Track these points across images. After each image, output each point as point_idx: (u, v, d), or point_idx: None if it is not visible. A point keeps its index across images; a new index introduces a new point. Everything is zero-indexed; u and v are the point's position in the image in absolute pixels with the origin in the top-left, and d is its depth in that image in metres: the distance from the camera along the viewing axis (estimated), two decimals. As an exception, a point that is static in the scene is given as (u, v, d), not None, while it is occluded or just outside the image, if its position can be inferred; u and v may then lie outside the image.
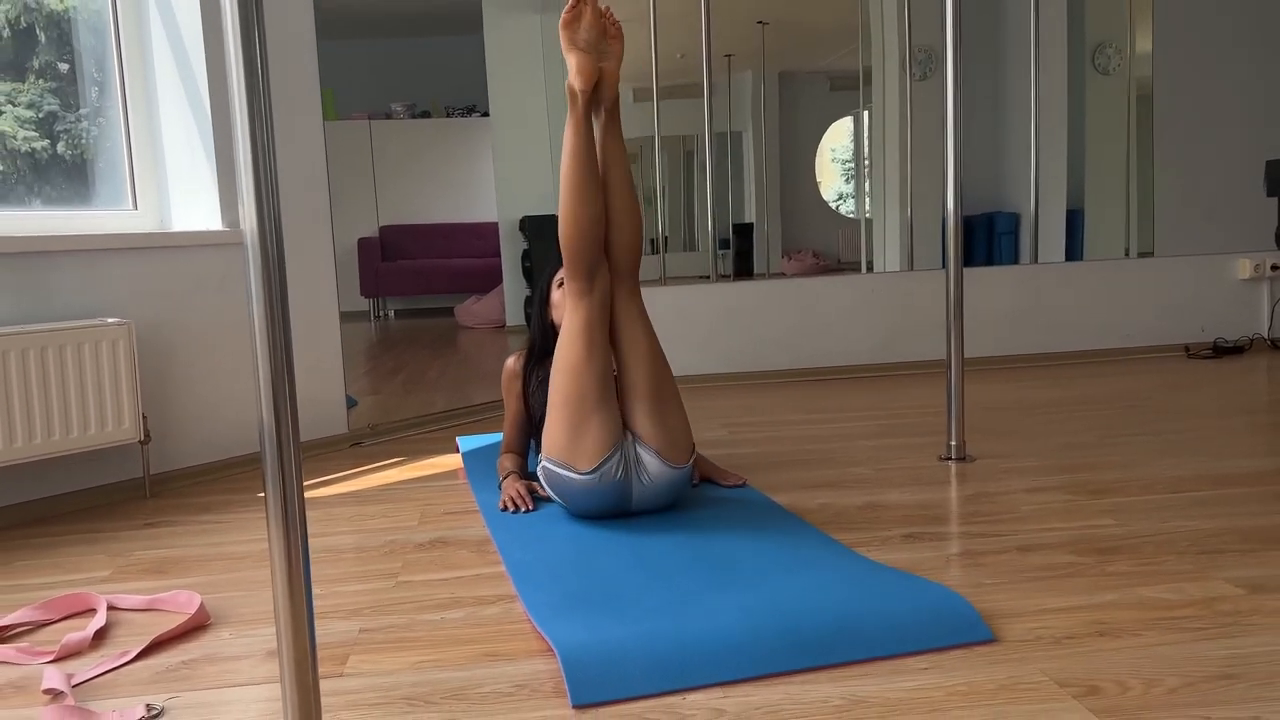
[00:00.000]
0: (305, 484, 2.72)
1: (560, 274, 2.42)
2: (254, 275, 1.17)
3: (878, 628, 1.52)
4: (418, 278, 8.13)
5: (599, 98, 2.20)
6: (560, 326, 2.42)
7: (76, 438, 2.47)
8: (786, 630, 1.50)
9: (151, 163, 2.94)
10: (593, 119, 2.18)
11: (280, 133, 2.97)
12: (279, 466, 1.20)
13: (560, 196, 2.13)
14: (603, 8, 2.18)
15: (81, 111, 2.86)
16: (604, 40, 2.19)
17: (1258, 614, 1.57)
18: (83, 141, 2.85)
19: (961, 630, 1.52)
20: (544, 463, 2.16)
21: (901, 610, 1.57)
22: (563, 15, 2.14)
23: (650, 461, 2.11)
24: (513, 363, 2.52)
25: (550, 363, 2.44)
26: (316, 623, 1.69)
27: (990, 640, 1.51)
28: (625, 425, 2.13)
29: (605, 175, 2.18)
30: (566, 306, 2.14)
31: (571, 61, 2.16)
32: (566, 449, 2.08)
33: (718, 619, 1.55)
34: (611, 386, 2.11)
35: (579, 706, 1.36)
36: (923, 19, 6.07)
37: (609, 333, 2.16)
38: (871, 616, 1.54)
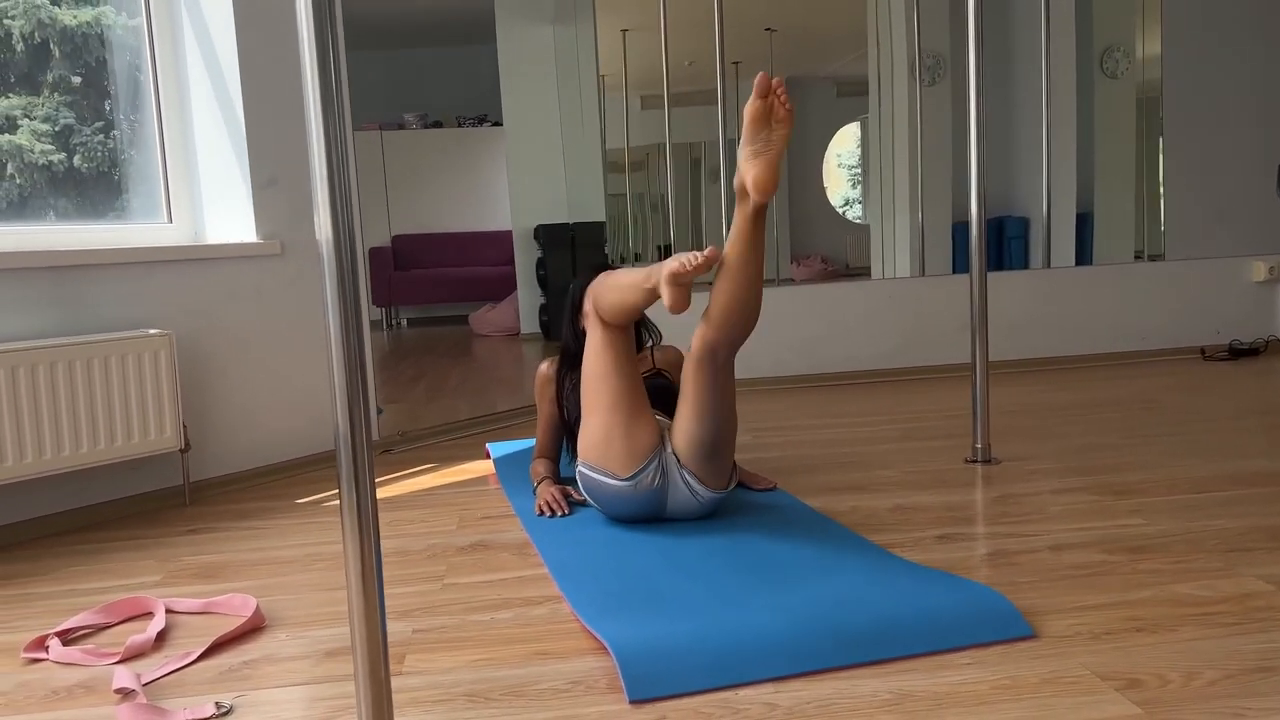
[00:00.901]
0: (337, 491, 2.77)
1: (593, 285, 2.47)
2: (329, 283, 1.22)
3: (920, 625, 1.56)
4: (430, 286, 8.19)
5: (745, 195, 2.00)
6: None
7: (120, 446, 2.52)
8: (832, 628, 1.55)
9: (185, 176, 2.99)
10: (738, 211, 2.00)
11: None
12: (353, 468, 1.26)
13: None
14: (773, 82, 1.90)
15: (98, 124, 2.91)
16: (764, 128, 1.96)
17: (1289, 609, 1.62)
18: (99, 155, 2.90)
19: (1002, 626, 1.57)
20: (580, 467, 2.21)
21: (942, 607, 1.61)
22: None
23: (691, 481, 2.14)
24: (546, 368, 2.56)
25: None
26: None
27: (1030, 636, 1.56)
28: (672, 451, 2.15)
29: (738, 270, 2.02)
30: (589, 323, 2.18)
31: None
32: (603, 454, 2.13)
33: (763, 617, 1.60)
34: (644, 393, 2.16)
35: (635, 702, 1.41)
36: (930, 25, 6.13)
37: (681, 388, 2.15)
38: (913, 614, 1.59)
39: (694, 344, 2.10)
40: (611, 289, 2.11)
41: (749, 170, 1.97)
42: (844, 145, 6.91)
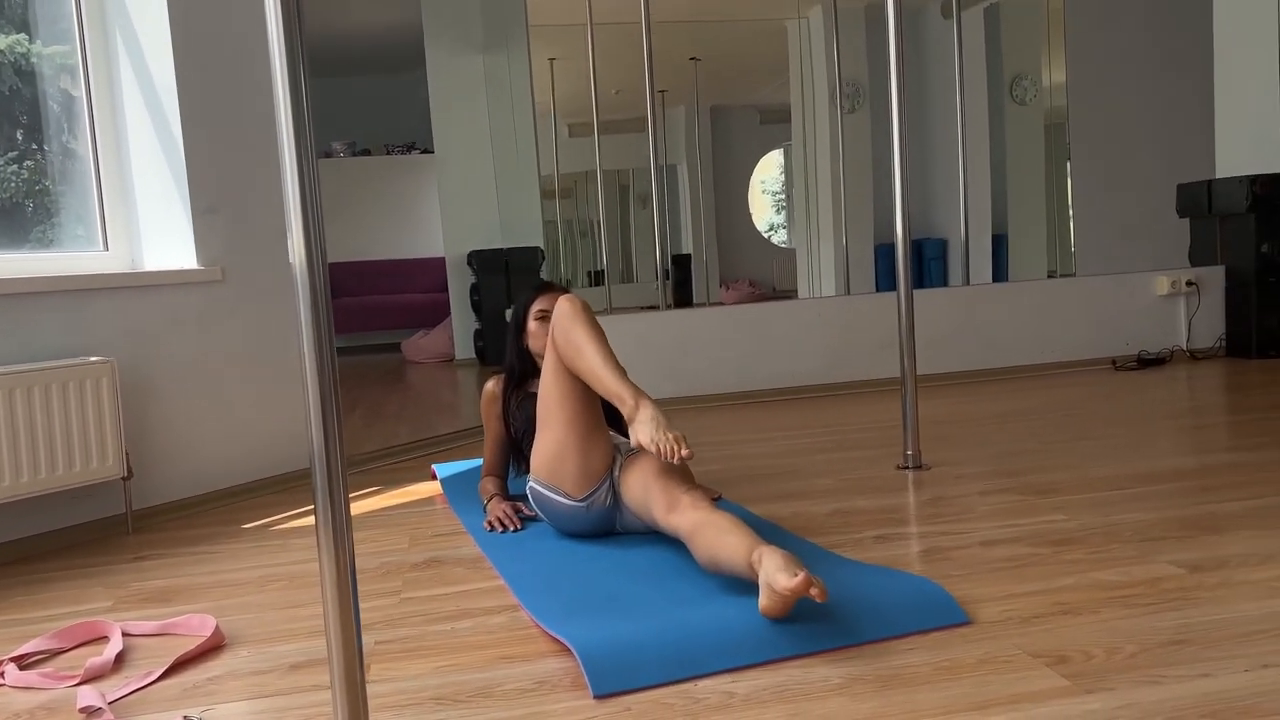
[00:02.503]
0: (286, 515, 2.78)
1: (538, 303, 2.54)
2: (303, 305, 1.27)
3: (865, 615, 1.65)
4: (361, 314, 8.15)
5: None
6: (534, 352, 2.54)
7: (61, 475, 2.50)
8: (784, 620, 1.63)
9: (122, 204, 2.99)
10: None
11: (249, 170, 3.05)
12: (328, 485, 1.30)
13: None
14: (814, 592, 1.56)
15: (11, 154, 2.88)
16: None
17: (1199, 589, 1.75)
18: (13, 185, 2.87)
19: (940, 614, 1.67)
20: (532, 483, 2.26)
21: (884, 598, 1.71)
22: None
23: (634, 522, 2.21)
24: (492, 385, 2.62)
25: (529, 384, 2.55)
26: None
27: (966, 622, 1.66)
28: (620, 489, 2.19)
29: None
30: (548, 345, 2.20)
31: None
32: (557, 473, 2.18)
33: (718, 613, 1.67)
34: (600, 414, 2.21)
35: (600, 696, 1.47)
36: (849, 55, 6.37)
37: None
38: (858, 605, 1.68)
39: (648, 485, 2.07)
40: (578, 358, 2.08)
41: (768, 598, 1.62)
42: (768, 172, 7.11)
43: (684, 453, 1.91)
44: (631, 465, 2.16)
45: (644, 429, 1.95)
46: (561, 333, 2.13)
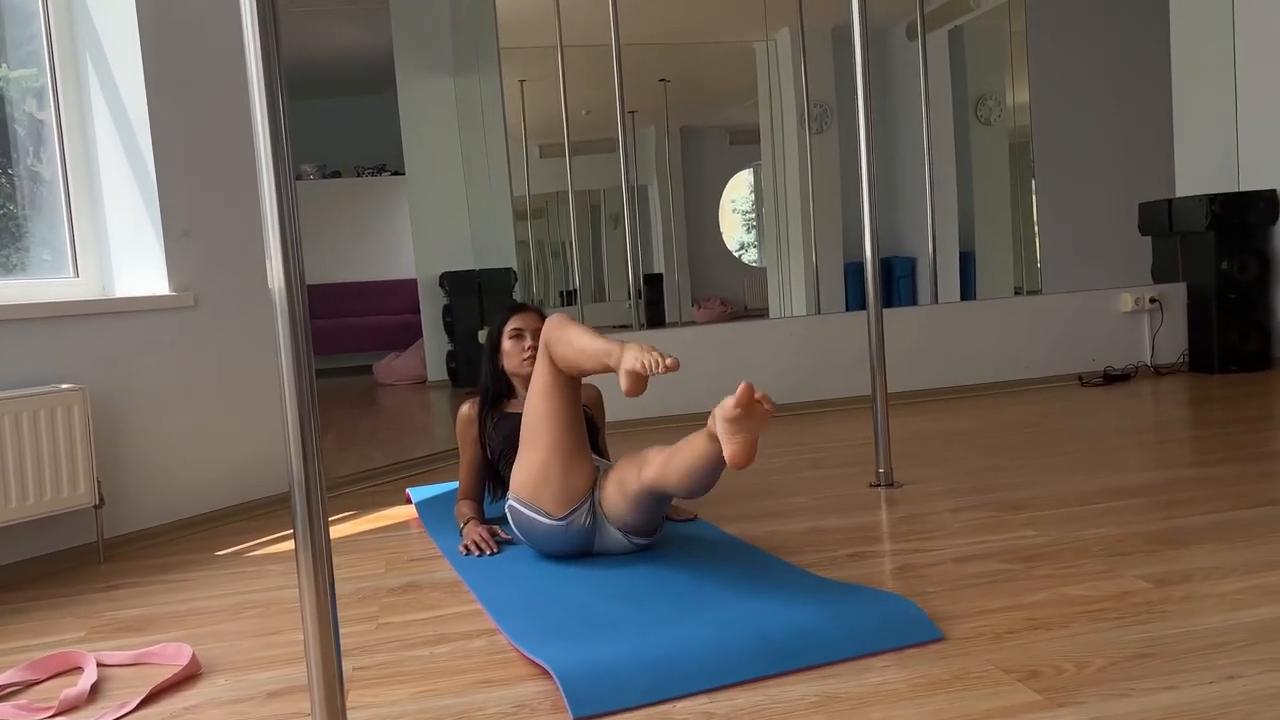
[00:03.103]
0: (260, 541, 2.77)
1: (512, 322, 2.55)
2: (282, 329, 1.28)
3: (840, 633, 1.68)
4: (332, 336, 8.11)
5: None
6: (510, 371, 2.56)
7: (32, 504, 2.47)
8: (760, 640, 1.65)
9: (92, 230, 2.97)
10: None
11: (221, 194, 3.04)
12: (307, 509, 1.31)
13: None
14: (758, 396, 1.85)
15: None
16: (747, 420, 1.87)
17: (1165, 603, 1.79)
18: None
19: (914, 631, 1.69)
20: (511, 501, 2.27)
21: (860, 617, 1.73)
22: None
23: (615, 534, 2.23)
24: (468, 409, 2.62)
25: (504, 405, 2.57)
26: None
27: (940, 639, 1.69)
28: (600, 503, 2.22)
29: (688, 479, 2.01)
30: (537, 365, 2.22)
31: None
32: (538, 492, 2.19)
33: (696, 634, 1.69)
34: (584, 435, 2.23)
35: (580, 719, 1.48)
36: (817, 76, 6.45)
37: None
38: (834, 624, 1.70)
39: (622, 469, 2.15)
40: (568, 347, 2.13)
41: (730, 443, 1.85)
42: (738, 191, 7.17)
43: (668, 362, 1.96)
44: (607, 475, 2.21)
45: (629, 359, 1.98)
46: (552, 331, 2.17)
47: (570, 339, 2.13)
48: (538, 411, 2.18)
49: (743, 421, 1.83)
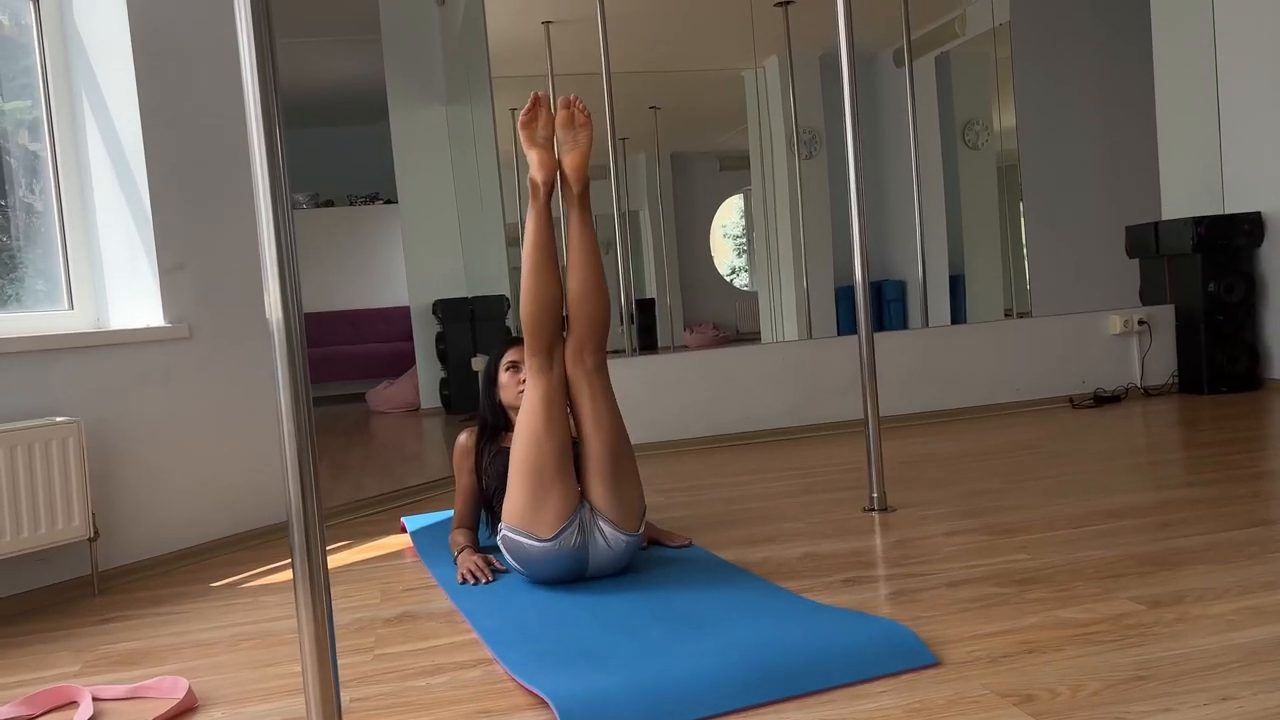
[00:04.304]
0: (255, 572, 2.76)
1: (508, 355, 2.57)
2: (280, 360, 1.29)
3: (836, 659, 1.68)
4: (324, 365, 8.11)
5: (566, 187, 2.35)
6: (506, 404, 2.57)
7: (26, 537, 2.47)
8: (756, 667, 1.66)
9: (86, 262, 2.98)
10: (564, 205, 2.34)
11: (215, 226, 3.06)
12: (305, 540, 1.31)
13: (522, 279, 2.29)
14: (572, 98, 2.28)
15: None
16: (570, 130, 2.31)
17: (1159, 625, 1.80)
18: None
19: (909, 656, 1.70)
20: (504, 530, 2.28)
21: (855, 643, 1.74)
22: (521, 116, 2.27)
23: (605, 529, 2.24)
24: (465, 439, 2.63)
25: (502, 439, 2.57)
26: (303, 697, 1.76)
27: (935, 663, 1.69)
28: (582, 494, 2.26)
29: (572, 256, 2.34)
30: (527, 382, 2.28)
31: (532, 157, 2.29)
32: (527, 517, 2.21)
33: (692, 661, 1.69)
34: (570, 457, 2.25)
35: (578, 749, 1.48)
36: (805, 102, 6.52)
37: (572, 406, 2.30)
38: (829, 650, 1.71)
39: (566, 363, 2.31)
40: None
41: (567, 159, 2.32)
42: (728, 216, 7.23)
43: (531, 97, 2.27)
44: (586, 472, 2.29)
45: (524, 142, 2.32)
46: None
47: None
48: (527, 434, 2.22)
49: (568, 129, 2.29)
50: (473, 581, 2.38)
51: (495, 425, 2.58)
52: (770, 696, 1.59)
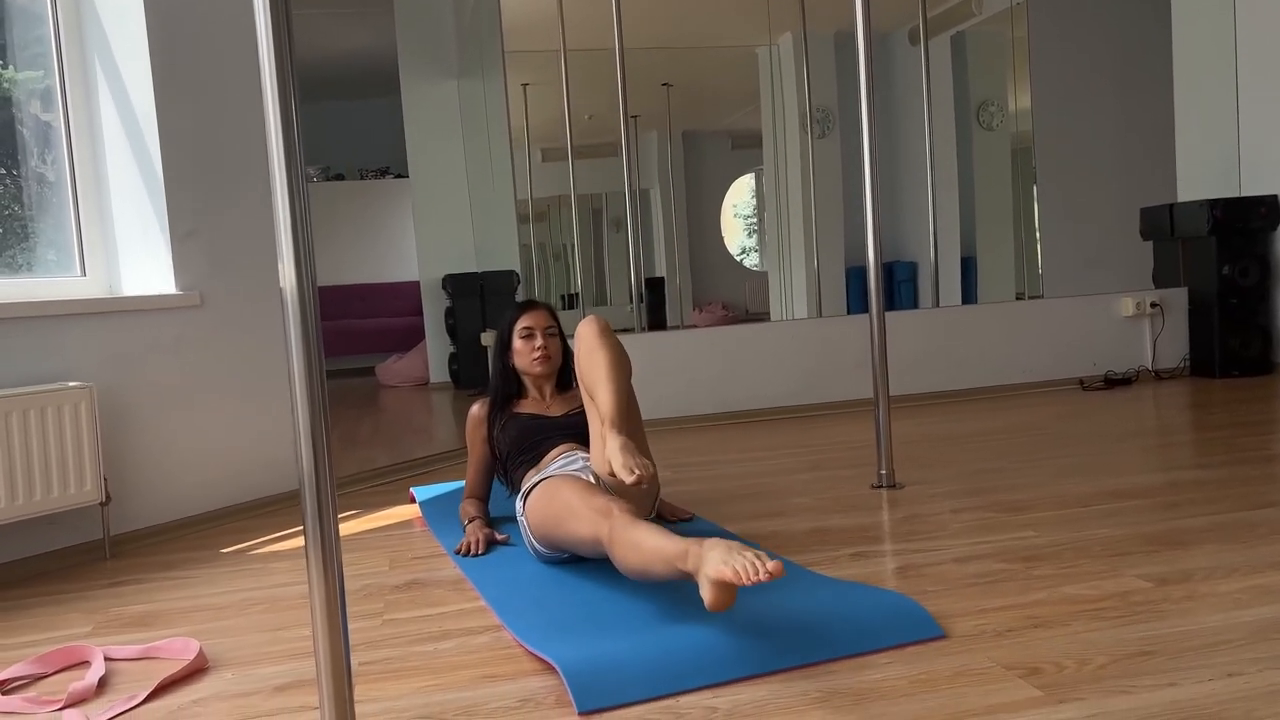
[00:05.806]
0: (265, 539, 2.78)
1: (522, 320, 2.56)
2: (293, 329, 1.29)
3: (843, 630, 1.69)
4: (334, 338, 8.12)
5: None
6: (521, 370, 2.55)
7: (39, 500, 2.49)
8: (763, 636, 1.66)
9: (99, 229, 2.99)
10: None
11: (227, 194, 3.06)
12: (317, 506, 1.32)
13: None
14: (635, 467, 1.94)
15: None
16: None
17: (1165, 602, 1.80)
18: None
19: (916, 628, 1.70)
20: (538, 545, 2.24)
21: (862, 614, 1.75)
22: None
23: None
24: (478, 409, 2.63)
25: (514, 405, 2.57)
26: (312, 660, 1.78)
27: (941, 636, 1.70)
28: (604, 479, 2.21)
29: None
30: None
31: (712, 596, 1.65)
32: (551, 539, 2.16)
33: (700, 629, 1.70)
34: (595, 488, 2.13)
35: (585, 713, 1.49)
36: (819, 81, 6.48)
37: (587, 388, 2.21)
38: (837, 621, 1.72)
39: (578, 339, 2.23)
40: (634, 550, 1.81)
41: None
42: (739, 196, 7.20)
43: (770, 567, 1.56)
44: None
45: (712, 563, 1.61)
46: (619, 532, 1.87)
47: (637, 540, 1.80)
48: (555, 512, 2.11)
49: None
50: (467, 552, 2.38)
51: (506, 392, 2.57)
52: (777, 665, 1.60)
